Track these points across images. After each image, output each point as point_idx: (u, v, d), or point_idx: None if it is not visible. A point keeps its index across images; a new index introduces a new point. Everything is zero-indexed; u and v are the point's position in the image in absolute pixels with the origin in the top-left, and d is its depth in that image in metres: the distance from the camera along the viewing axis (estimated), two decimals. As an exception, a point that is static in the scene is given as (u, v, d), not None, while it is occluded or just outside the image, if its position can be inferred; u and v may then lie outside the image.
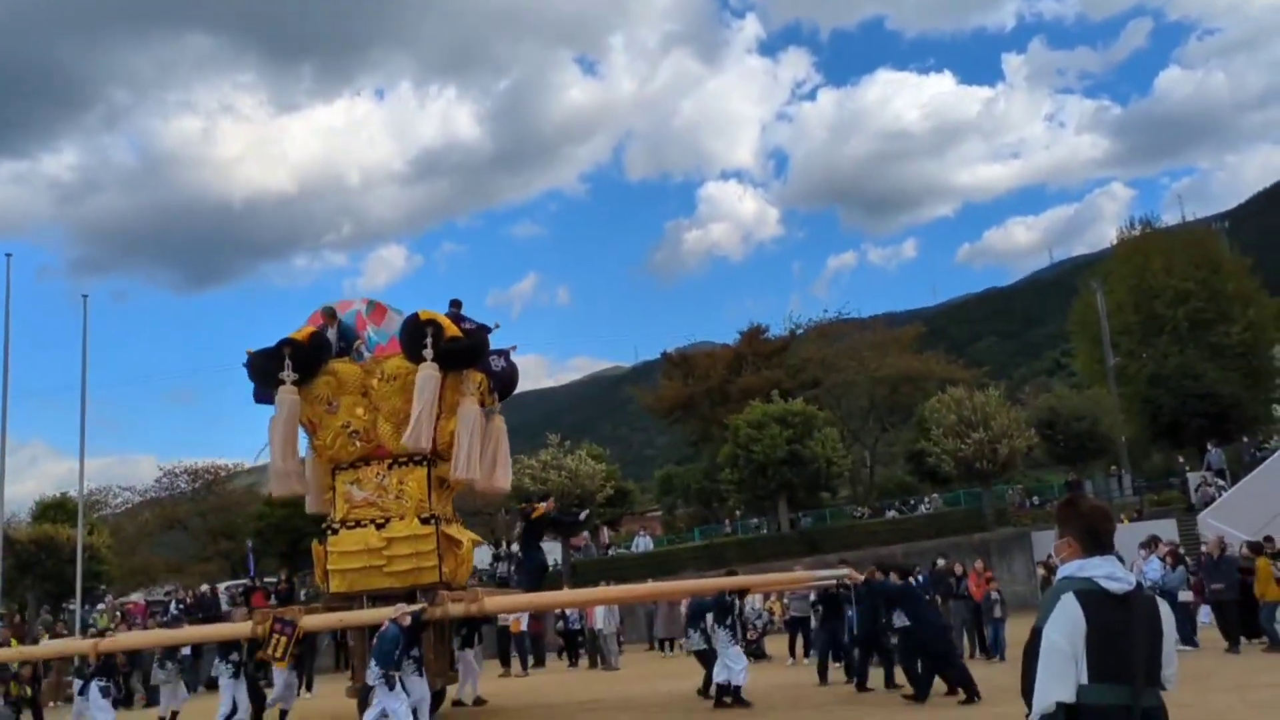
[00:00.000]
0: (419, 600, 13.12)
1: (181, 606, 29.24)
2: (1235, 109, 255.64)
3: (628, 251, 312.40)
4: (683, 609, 18.67)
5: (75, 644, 14.98)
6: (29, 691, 16.87)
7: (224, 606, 28.41)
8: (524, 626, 23.16)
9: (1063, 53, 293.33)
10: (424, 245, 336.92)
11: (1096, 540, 3.22)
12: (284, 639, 12.86)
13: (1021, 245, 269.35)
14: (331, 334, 14.61)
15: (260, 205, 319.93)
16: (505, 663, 23.07)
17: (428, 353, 13.48)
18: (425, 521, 13.69)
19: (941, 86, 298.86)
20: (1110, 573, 3.15)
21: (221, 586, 32.93)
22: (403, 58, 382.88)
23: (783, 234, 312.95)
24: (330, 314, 14.76)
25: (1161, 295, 37.34)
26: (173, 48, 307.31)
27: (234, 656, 13.74)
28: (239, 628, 14.06)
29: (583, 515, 25.60)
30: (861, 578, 14.30)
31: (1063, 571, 3.27)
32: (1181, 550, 20.85)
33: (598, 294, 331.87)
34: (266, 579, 34.79)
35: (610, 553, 40.30)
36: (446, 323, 13.90)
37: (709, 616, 14.30)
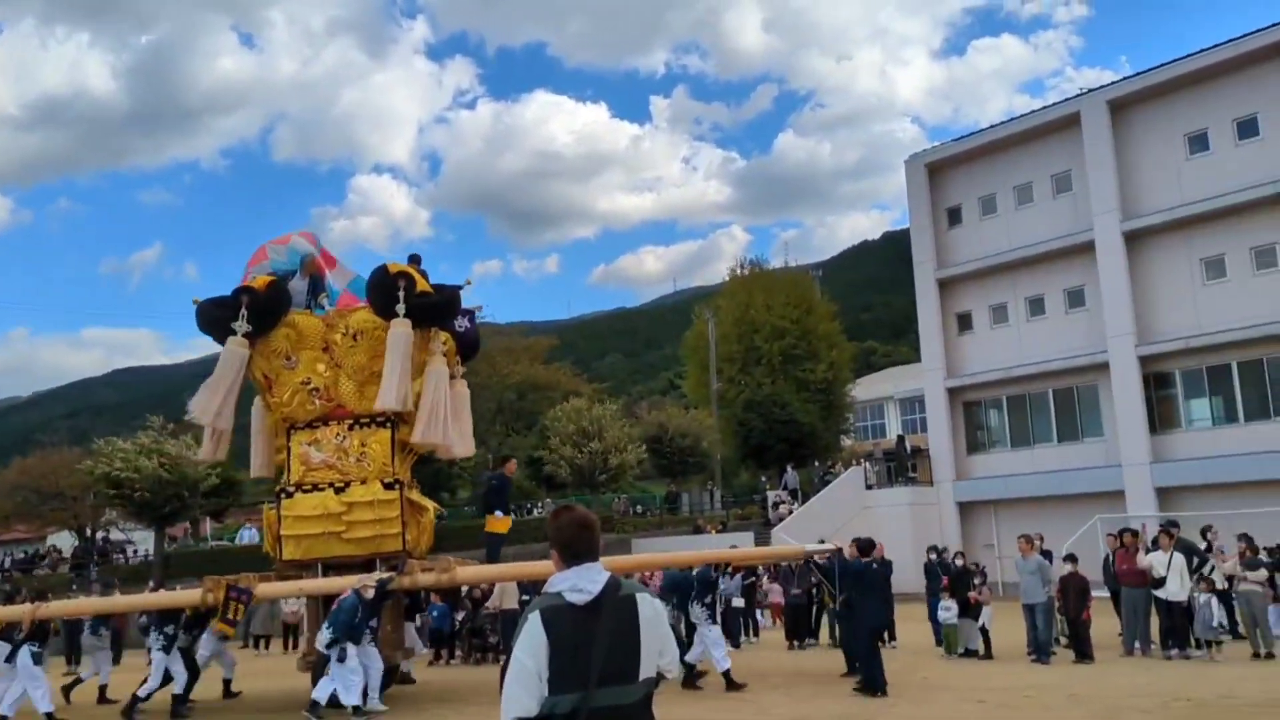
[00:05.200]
0: (379, 569, 12.42)
1: None
2: (835, 176, 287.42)
3: (267, 233, 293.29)
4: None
5: (9, 610, 13.33)
6: None
7: None
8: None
9: (701, 104, 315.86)
10: (35, 199, 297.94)
11: (571, 552, 3.29)
12: (241, 606, 12.29)
13: (650, 273, 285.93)
14: (300, 284, 13.55)
15: None
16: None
17: (399, 308, 12.61)
18: (389, 486, 12.91)
19: (594, 116, 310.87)
20: (574, 584, 3.20)
21: None
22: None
23: (432, 235, 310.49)
24: (310, 264, 13.74)
25: (761, 330, 41.23)
26: None
27: (169, 629, 12.76)
28: (187, 596, 12.99)
29: None
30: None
31: (545, 586, 3.36)
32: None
33: (229, 274, 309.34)
34: None
35: (211, 545, 38.21)
36: (418, 276, 13.08)
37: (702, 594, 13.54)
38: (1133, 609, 15.42)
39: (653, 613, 3.31)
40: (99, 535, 37.26)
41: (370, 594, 11.82)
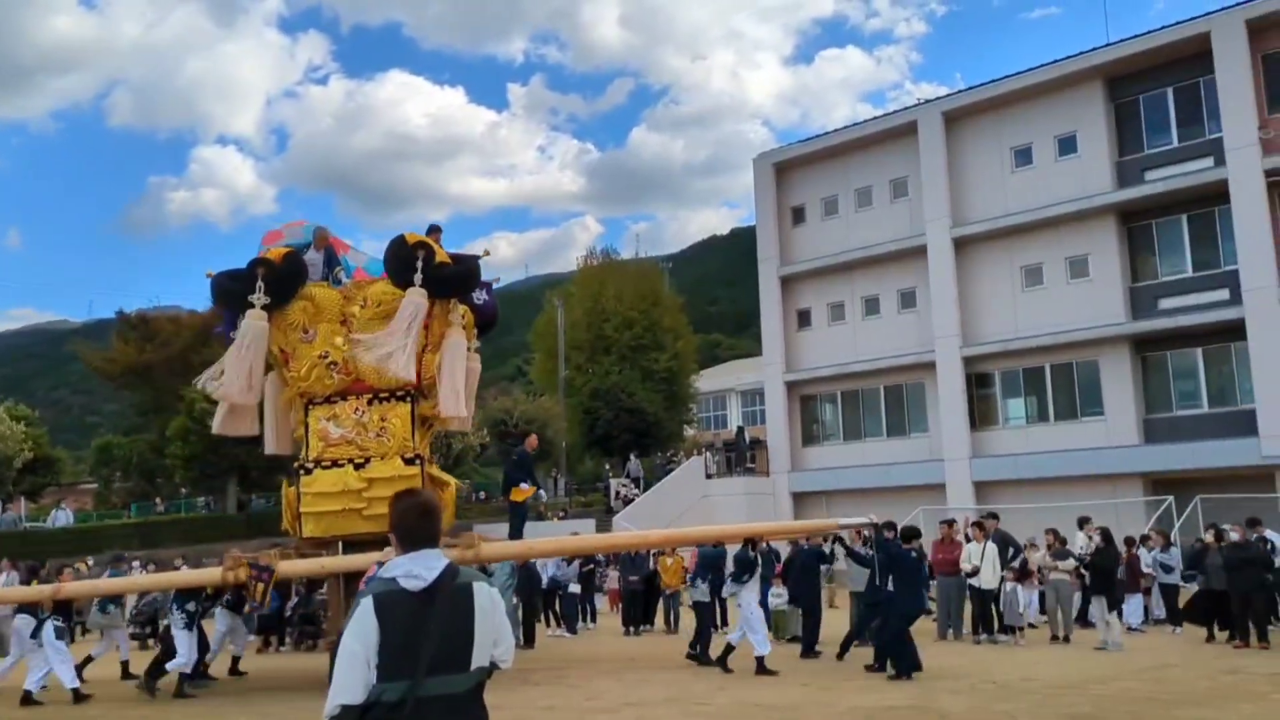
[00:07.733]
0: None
1: None
2: (687, 172, 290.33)
3: (100, 202, 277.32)
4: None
5: (33, 591, 13.14)
6: None
7: None
8: None
9: (558, 94, 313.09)
10: None
11: (410, 537, 3.24)
12: (261, 585, 12.10)
13: (503, 259, 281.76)
14: (316, 257, 13.19)
15: None
16: None
17: (417, 278, 12.36)
18: (409, 462, 12.55)
19: (451, 100, 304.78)
20: (409, 570, 3.14)
21: None
22: None
23: (278, 211, 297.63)
24: (322, 237, 13.41)
25: (611, 319, 41.66)
26: None
27: (190, 605, 12.93)
28: (208, 574, 12.81)
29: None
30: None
31: (381, 571, 3.30)
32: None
33: (56, 242, 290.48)
34: None
35: (25, 527, 36.02)
36: (438, 247, 12.81)
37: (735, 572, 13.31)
38: (946, 596, 16.40)
39: (489, 603, 3.27)
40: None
41: None
